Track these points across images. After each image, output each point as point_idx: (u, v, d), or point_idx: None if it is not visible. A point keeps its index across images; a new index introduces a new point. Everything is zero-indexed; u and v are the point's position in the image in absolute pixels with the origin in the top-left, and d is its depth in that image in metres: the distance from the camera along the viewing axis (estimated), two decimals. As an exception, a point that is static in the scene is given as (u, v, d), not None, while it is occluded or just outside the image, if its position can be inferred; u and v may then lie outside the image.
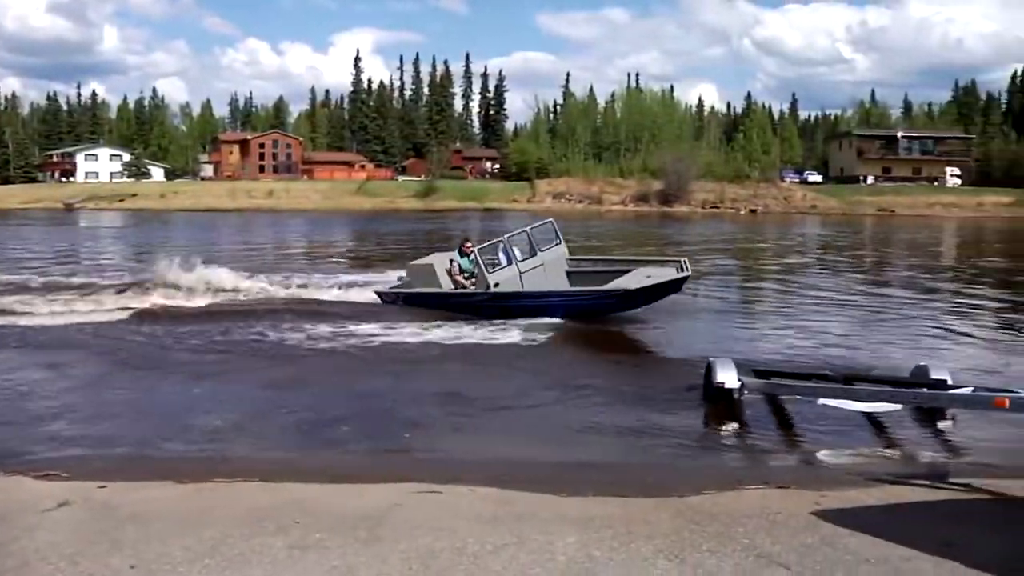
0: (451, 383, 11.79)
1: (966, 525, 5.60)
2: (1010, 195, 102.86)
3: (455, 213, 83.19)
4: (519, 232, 18.27)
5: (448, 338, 14.87)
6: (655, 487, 6.91)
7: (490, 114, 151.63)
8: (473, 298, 17.28)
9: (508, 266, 17.25)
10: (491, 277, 16.94)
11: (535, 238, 18.08)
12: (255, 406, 10.47)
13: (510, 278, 17.11)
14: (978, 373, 12.08)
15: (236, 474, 7.26)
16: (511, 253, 17.42)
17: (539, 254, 17.84)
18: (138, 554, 5.25)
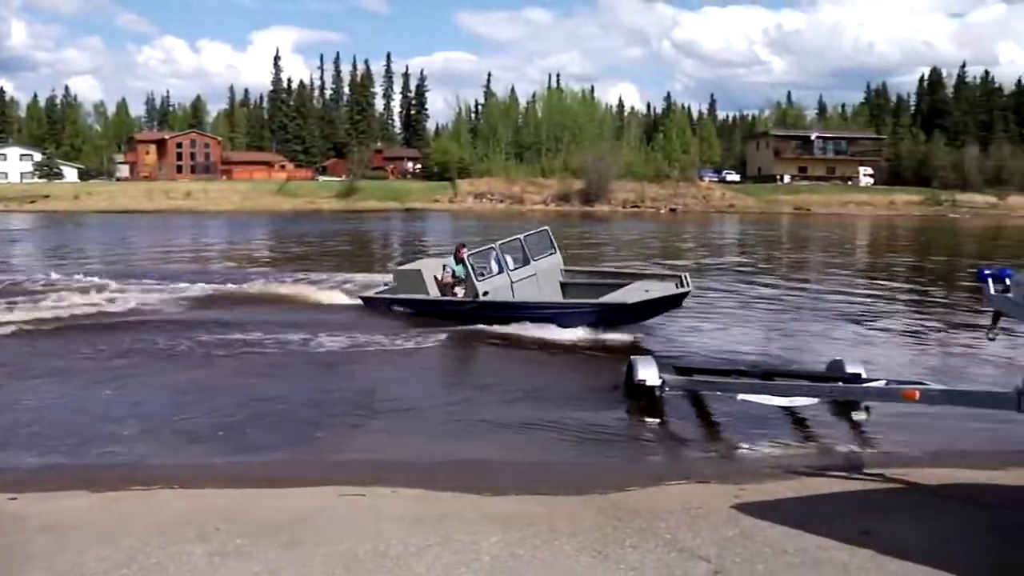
0: (371, 386, 11.71)
1: (881, 514, 5.74)
2: (919, 194, 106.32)
3: (376, 214, 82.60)
4: (512, 239, 17.46)
5: (366, 341, 14.67)
6: (578, 485, 6.96)
7: (411, 114, 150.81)
8: (462, 307, 16.60)
9: (499, 274, 16.57)
10: (480, 285, 16.16)
11: (529, 246, 17.32)
12: (170, 412, 10.20)
13: (500, 287, 16.39)
14: (891, 366, 12.39)
15: (154, 481, 7.12)
16: (503, 261, 16.73)
17: (532, 263, 17.09)
18: (52, 566, 5.12)
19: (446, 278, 17.34)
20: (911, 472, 7.28)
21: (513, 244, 17.29)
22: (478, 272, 16.31)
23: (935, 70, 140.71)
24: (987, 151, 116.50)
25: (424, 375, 12.50)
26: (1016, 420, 7.59)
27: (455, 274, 17.21)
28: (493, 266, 16.68)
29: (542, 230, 18.24)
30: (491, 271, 16.60)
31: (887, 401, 9.11)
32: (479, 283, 16.11)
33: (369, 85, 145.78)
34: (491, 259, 16.84)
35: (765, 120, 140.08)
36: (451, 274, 17.27)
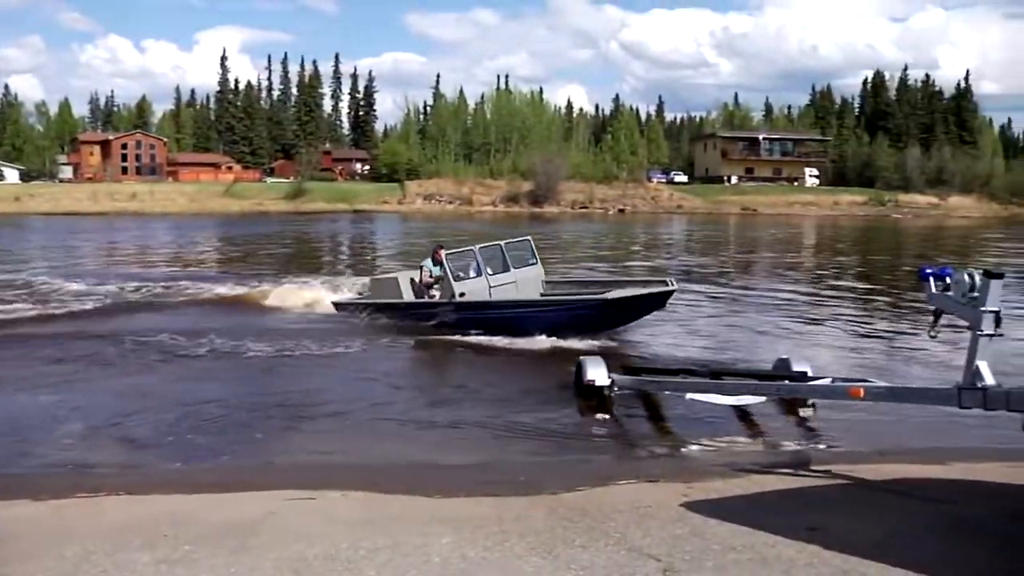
0: (320, 389, 11.66)
1: (827, 510, 5.81)
2: (863, 194, 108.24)
3: (325, 215, 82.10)
4: (492, 245, 17.06)
5: (315, 345, 14.53)
6: (528, 485, 6.96)
7: (360, 115, 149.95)
8: (437, 308, 16.17)
9: (477, 278, 16.13)
10: (458, 285, 15.74)
11: (509, 254, 16.82)
12: (113, 418, 10.01)
13: (478, 290, 15.95)
14: (836, 365, 12.55)
15: (99, 488, 7.00)
16: (482, 265, 16.27)
17: (512, 271, 16.60)
18: (-7, 577, 5.02)
19: (424, 278, 16.91)
20: (857, 468, 7.38)
21: (493, 250, 16.87)
22: (456, 273, 15.93)
23: (878, 73, 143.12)
24: (928, 153, 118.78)
25: (373, 378, 12.41)
26: (958, 415, 7.76)
27: (432, 274, 16.79)
28: (472, 269, 16.27)
29: (524, 239, 17.81)
30: (469, 274, 16.19)
31: (833, 398, 9.23)
32: (456, 284, 15.74)
33: (317, 86, 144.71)
34: (470, 262, 16.43)
35: (712, 121, 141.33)
36: (429, 274, 16.84)
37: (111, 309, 18.65)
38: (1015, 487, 6.63)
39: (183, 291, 21.22)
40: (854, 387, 7.43)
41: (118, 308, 18.86)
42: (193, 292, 21.11)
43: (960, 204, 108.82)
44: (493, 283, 16.12)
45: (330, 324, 16.71)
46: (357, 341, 14.92)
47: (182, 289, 21.57)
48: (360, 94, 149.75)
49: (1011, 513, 5.52)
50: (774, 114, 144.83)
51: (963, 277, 6.23)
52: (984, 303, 6.06)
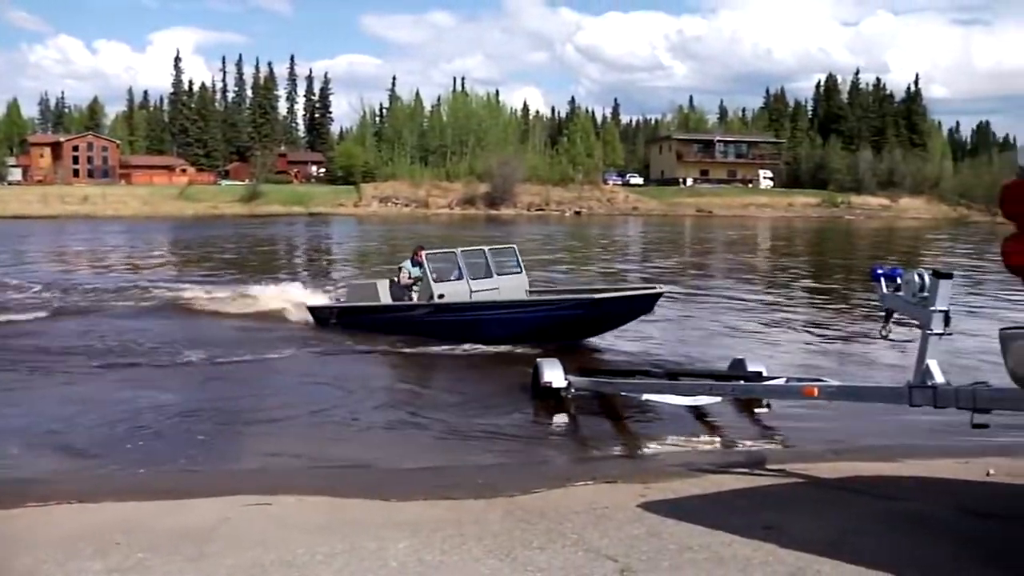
0: (275, 394, 11.57)
1: (783, 509, 5.85)
2: (817, 196, 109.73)
3: (281, 218, 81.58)
4: (475, 249, 16.42)
5: (268, 349, 14.46)
6: (485, 488, 6.95)
7: (315, 117, 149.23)
8: (415, 312, 15.56)
9: (458, 280, 15.50)
10: (437, 287, 15.17)
11: (492, 260, 16.12)
12: (62, 425, 9.80)
13: (459, 293, 15.27)
14: (791, 364, 12.68)
15: (49, 497, 6.85)
16: (463, 269, 15.60)
17: (495, 277, 15.91)
18: (-59, 590, 4.91)
19: (403, 279, 16.28)
20: (812, 467, 7.45)
21: (476, 254, 16.24)
22: (436, 275, 15.45)
23: (831, 77, 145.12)
24: (880, 155, 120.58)
25: (330, 383, 12.31)
26: (910, 413, 7.86)
27: (412, 275, 16.19)
28: (453, 272, 15.70)
29: (509, 246, 17.24)
30: (450, 276, 15.63)
31: (787, 398, 9.35)
32: (436, 285, 15.21)
33: (272, 88, 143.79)
34: (451, 265, 15.90)
35: (668, 124, 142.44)
36: (408, 275, 16.23)
37: (57, 314, 18.30)
38: (965, 483, 6.74)
39: (133, 296, 20.93)
40: (808, 386, 7.52)
41: (64, 313, 18.55)
42: (143, 297, 20.83)
43: (911, 205, 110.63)
44: (475, 288, 15.47)
45: (285, 329, 16.58)
46: (313, 346, 14.85)
47: (132, 294, 21.29)
48: (315, 96, 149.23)
49: (961, 508, 5.60)
50: (729, 117, 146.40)
51: (913, 277, 6.32)
52: (934, 303, 6.16)
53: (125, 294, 21.29)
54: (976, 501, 5.86)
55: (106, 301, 20.28)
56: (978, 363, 11.11)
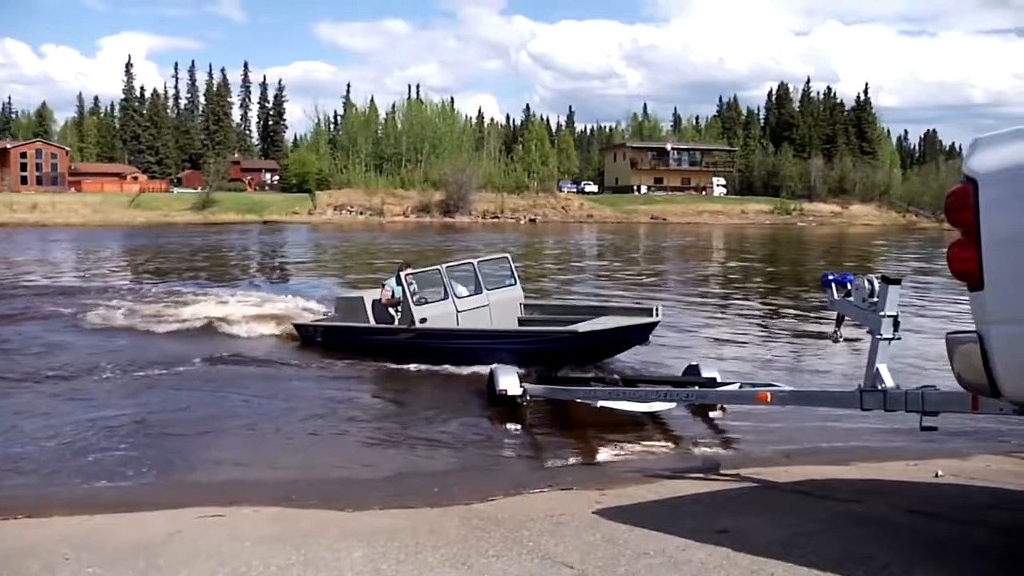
0: (228, 405, 11.45)
1: (737, 513, 5.90)
2: (770, 203, 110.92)
3: (234, 226, 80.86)
4: (463, 263, 15.54)
5: (221, 360, 14.29)
6: (441, 496, 6.95)
7: (269, 124, 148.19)
8: (398, 335, 14.46)
9: (442, 301, 14.34)
10: (418, 311, 14.01)
11: (483, 273, 14.99)
12: (6, 438, 9.64)
13: (443, 316, 14.18)
14: (744, 370, 12.80)
15: (-4, 511, 6.75)
16: (448, 286, 14.46)
17: (485, 293, 14.78)
18: None
19: (385, 298, 15.23)
20: (765, 471, 7.53)
21: (463, 268, 15.25)
22: (416, 297, 14.27)
23: (782, 85, 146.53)
24: (831, 163, 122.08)
25: (284, 393, 12.19)
26: (861, 417, 7.98)
27: (394, 294, 15.05)
28: (437, 291, 14.56)
29: (502, 257, 16.17)
30: (434, 296, 14.48)
31: (741, 403, 9.45)
32: (417, 309, 14.07)
33: (226, 95, 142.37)
34: (435, 282, 14.74)
35: (622, 132, 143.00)
36: (390, 294, 15.13)
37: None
38: (914, 484, 6.85)
39: (81, 305, 20.53)
40: (761, 392, 7.61)
41: (5, 321, 18.25)
42: (92, 306, 20.43)
43: (861, 212, 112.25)
44: (462, 307, 14.43)
45: (241, 340, 16.38)
46: (267, 357, 14.72)
47: (80, 303, 20.86)
48: (269, 103, 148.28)
49: (910, 509, 5.69)
50: (682, 125, 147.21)
51: (863, 283, 6.44)
52: (883, 308, 6.27)
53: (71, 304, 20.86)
54: (924, 502, 5.96)
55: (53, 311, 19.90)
56: (927, 367, 11.30)
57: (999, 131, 4.06)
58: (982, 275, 3.85)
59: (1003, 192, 3.83)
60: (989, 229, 3.83)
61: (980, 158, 3.97)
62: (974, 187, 3.90)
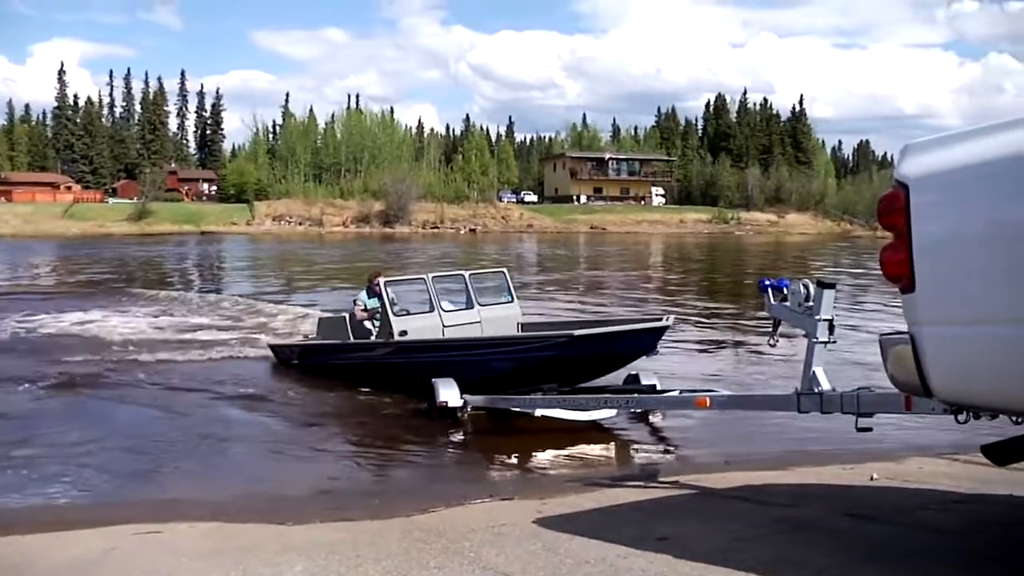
0: (162, 419, 11.21)
1: (677, 520, 5.93)
2: (708, 212, 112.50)
3: (171, 237, 79.74)
4: (453, 274, 14.32)
5: (155, 375, 14.02)
6: (382, 509, 6.90)
7: (207, 134, 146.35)
8: (373, 352, 13.02)
9: (428, 313, 12.82)
10: (397, 322, 12.51)
11: (476, 287, 13.51)
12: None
13: (427, 330, 12.57)
14: (683, 376, 12.88)
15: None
16: (434, 298, 12.90)
17: (476, 308, 13.17)
18: None
19: (358, 312, 13.72)
20: (704, 477, 7.58)
21: (453, 280, 13.99)
22: (397, 308, 12.86)
23: (719, 96, 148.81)
24: (767, 172, 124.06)
25: (221, 407, 12.00)
26: (798, 420, 8.07)
27: (367, 308, 13.64)
28: (422, 302, 13.17)
29: (498, 271, 14.73)
30: (418, 308, 13.12)
31: (681, 409, 9.53)
32: (396, 320, 12.54)
33: (162, 103, 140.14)
34: (420, 293, 13.39)
35: (562, 142, 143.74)
36: (363, 307, 13.67)
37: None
38: (850, 487, 6.93)
39: (5, 319, 20.09)
40: (700, 397, 7.68)
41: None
42: (19, 320, 20.01)
43: (797, 221, 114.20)
44: (450, 322, 12.82)
45: (176, 354, 16.08)
46: (204, 370, 14.49)
47: (4, 317, 20.47)
48: (207, 112, 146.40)
49: (846, 512, 5.75)
50: (621, 135, 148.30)
51: (799, 288, 6.54)
52: (818, 312, 6.37)
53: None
54: (860, 505, 6.04)
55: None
56: (862, 369, 11.46)
57: (929, 138, 4.14)
58: (913, 277, 3.91)
59: (933, 196, 3.90)
60: (920, 233, 3.90)
61: (910, 164, 4.04)
62: (905, 192, 3.97)
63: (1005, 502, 6.03)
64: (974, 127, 3.97)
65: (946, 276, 3.83)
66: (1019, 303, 3.54)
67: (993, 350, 3.65)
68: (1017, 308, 3.55)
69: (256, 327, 19.12)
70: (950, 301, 3.82)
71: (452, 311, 13.07)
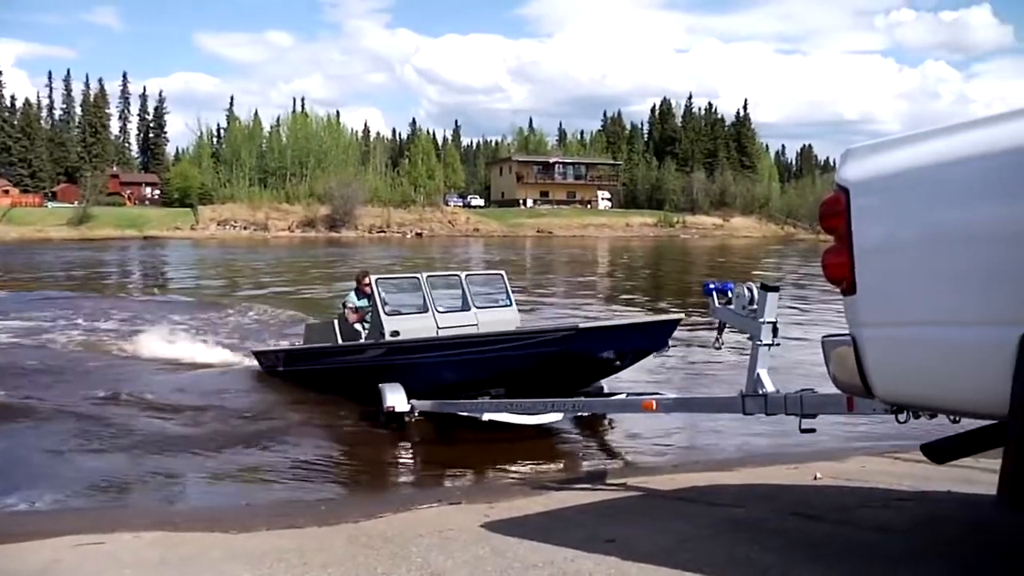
0: (105, 426, 11.01)
1: (624, 522, 5.96)
2: (653, 216, 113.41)
3: (114, 242, 78.54)
4: (449, 274, 13.74)
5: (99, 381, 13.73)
6: (329, 515, 6.85)
7: (150, 137, 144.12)
8: (363, 355, 12.37)
9: (421, 314, 12.24)
10: (389, 322, 11.92)
11: (472, 289, 12.90)
12: None
13: (421, 330, 11.88)
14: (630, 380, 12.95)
15: None
16: (428, 298, 12.39)
17: (473, 311, 12.50)
18: None
19: (348, 314, 13.11)
20: (651, 479, 7.63)
21: (448, 281, 13.41)
22: (389, 308, 12.25)
23: (665, 101, 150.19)
24: (712, 176, 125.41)
25: (166, 413, 11.81)
26: (744, 421, 8.16)
27: (357, 308, 13.08)
28: (415, 302, 12.64)
29: (495, 273, 14.19)
30: (411, 308, 12.57)
31: (628, 412, 9.57)
32: (387, 320, 11.96)
33: (104, 106, 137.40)
34: (413, 293, 12.84)
35: (508, 146, 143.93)
36: (353, 308, 13.10)
37: None
38: (794, 487, 7.02)
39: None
40: (646, 400, 7.72)
41: None
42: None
43: (742, 224, 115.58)
44: (444, 324, 12.11)
45: (116, 360, 15.86)
46: (146, 375, 14.28)
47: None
48: (150, 115, 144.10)
49: (791, 511, 5.82)
50: (567, 139, 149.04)
51: (743, 291, 6.61)
52: (762, 315, 6.44)
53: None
54: (804, 504, 6.11)
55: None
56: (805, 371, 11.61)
57: (869, 142, 4.20)
58: (855, 280, 3.97)
59: (873, 200, 3.97)
60: (861, 236, 3.95)
61: (851, 168, 4.10)
62: (846, 195, 4.02)
63: (945, 499, 6.15)
64: (912, 132, 4.04)
65: (886, 279, 3.89)
66: (954, 305, 3.61)
67: (930, 351, 3.72)
68: (952, 310, 3.62)
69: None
70: (889, 303, 3.88)
71: (447, 312, 12.42)
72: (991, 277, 3.44)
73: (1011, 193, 3.40)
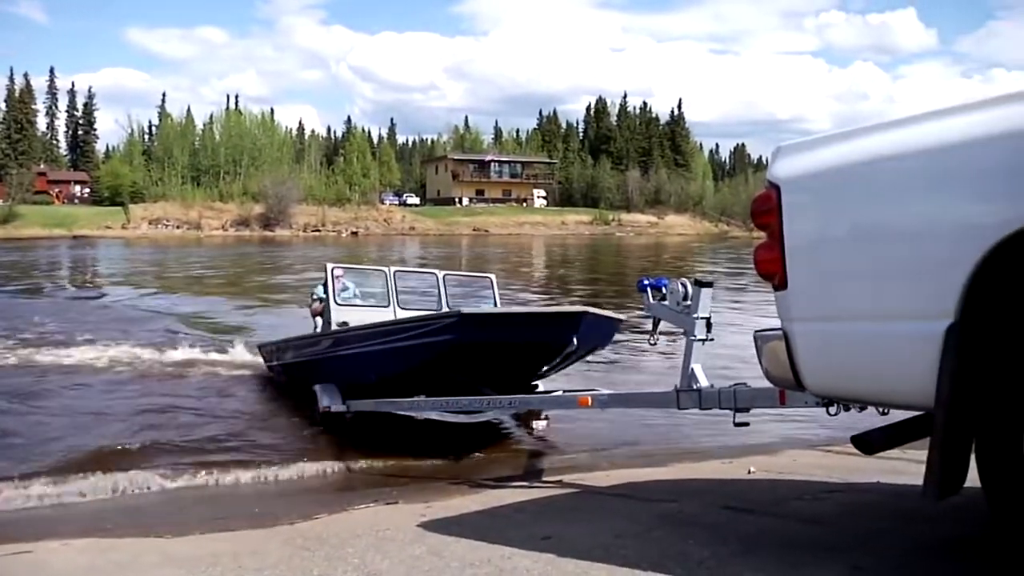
0: (32, 426, 10.79)
1: (561, 519, 5.97)
2: (589, 214, 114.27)
3: (41, 241, 76.89)
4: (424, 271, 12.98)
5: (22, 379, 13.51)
6: (264, 517, 6.79)
7: (79, 134, 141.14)
8: (318, 347, 11.42)
9: (381, 308, 11.58)
10: (338, 311, 11.21)
11: (449, 291, 12.12)
12: None
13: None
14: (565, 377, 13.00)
15: None
16: (393, 294, 11.71)
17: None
18: None
19: (314, 307, 12.55)
20: (587, 476, 7.68)
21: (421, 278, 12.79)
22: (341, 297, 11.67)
23: (600, 99, 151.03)
24: (647, 175, 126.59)
25: (96, 412, 11.56)
26: (678, 416, 8.25)
27: (320, 299, 12.33)
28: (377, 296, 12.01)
29: (485, 277, 13.46)
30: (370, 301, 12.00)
31: (564, 408, 9.60)
32: (337, 309, 11.26)
33: (30, 102, 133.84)
34: (378, 286, 12.25)
35: (444, 144, 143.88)
36: (318, 300, 12.43)
37: None
38: (728, 481, 7.12)
39: None
40: (582, 396, 7.75)
41: None
42: None
43: (676, 222, 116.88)
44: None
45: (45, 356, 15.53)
46: (69, 373, 13.99)
47: None
48: (78, 111, 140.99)
49: (724, 505, 5.89)
50: (503, 137, 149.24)
51: (677, 287, 6.68)
52: (696, 310, 6.51)
53: None
54: (738, 498, 6.18)
55: None
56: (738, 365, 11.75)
57: (799, 140, 4.26)
58: (786, 275, 4.02)
59: (803, 197, 4.02)
60: (791, 232, 4.01)
61: (782, 165, 4.15)
62: (777, 192, 4.07)
63: (874, 489, 6.28)
64: (841, 130, 4.11)
65: (815, 274, 3.95)
66: (882, 300, 3.68)
67: (860, 345, 3.78)
68: (880, 305, 3.69)
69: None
70: (819, 298, 3.94)
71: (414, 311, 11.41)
72: (917, 272, 3.51)
73: (935, 189, 3.47)
